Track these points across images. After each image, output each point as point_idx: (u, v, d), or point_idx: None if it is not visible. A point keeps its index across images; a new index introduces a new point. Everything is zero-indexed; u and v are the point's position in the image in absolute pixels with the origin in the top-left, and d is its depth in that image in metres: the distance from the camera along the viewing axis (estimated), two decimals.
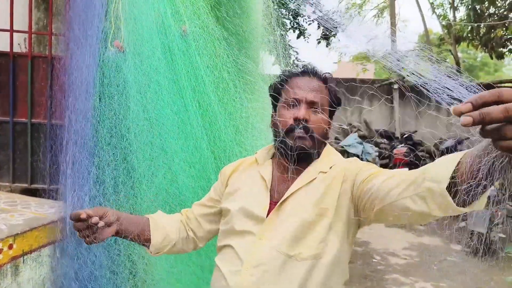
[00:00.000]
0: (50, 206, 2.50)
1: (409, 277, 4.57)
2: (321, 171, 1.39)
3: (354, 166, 1.37)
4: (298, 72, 1.45)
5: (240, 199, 1.45)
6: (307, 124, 1.35)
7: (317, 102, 1.38)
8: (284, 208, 1.36)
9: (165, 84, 2.27)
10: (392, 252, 5.27)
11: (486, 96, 0.80)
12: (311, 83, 1.41)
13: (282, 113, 1.40)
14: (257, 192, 1.43)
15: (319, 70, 1.46)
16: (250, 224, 1.38)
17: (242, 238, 1.37)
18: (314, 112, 1.38)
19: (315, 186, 1.37)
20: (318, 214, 1.31)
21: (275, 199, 1.39)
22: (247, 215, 1.39)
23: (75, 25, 2.33)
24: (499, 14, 8.32)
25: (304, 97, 1.37)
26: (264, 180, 1.44)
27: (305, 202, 1.34)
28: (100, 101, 2.22)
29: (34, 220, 2.26)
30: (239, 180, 1.52)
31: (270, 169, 1.47)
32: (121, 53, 2.25)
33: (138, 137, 2.19)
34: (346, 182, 1.34)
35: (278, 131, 1.40)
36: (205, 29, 2.48)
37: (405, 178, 1.14)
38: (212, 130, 2.42)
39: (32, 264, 2.18)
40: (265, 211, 1.37)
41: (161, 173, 2.21)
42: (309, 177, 1.38)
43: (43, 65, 2.84)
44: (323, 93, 1.41)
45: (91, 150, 2.20)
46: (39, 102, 2.83)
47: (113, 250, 2.13)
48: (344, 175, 1.36)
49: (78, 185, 2.21)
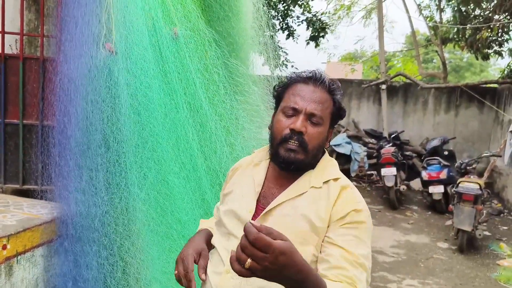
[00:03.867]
0: (43, 207, 2.52)
1: (396, 274, 4.65)
2: (313, 185, 1.33)
3: (341, 209, 1.28)
4: (304, 78, 1.37)
5: (232, 201, 1.44)
6: (303, 137, 1.30)
7: (317, 114, 1.31)
8: (269, 218, 1.32)
9: (156, 86, 2.30)
10: (379, 250, 5.36)
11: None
12: (315, 93, 1.33)
13: (280, 119, 1.34)
14: (246, 195, 1.41)
15: (326, 78, 1.36)
16: (235, 227, 1.37)
17: (227, 241, 1.37)
18: (312, 124, 1.32)
19: (303, 202, 1.32)
20: (300, 238, 1.24)
21: (263, 205, 1.37)
22: (235, 217, 1.39)
23: (66, 27, 2.35)
24: (484, 16, 8.47)
25: (304, 107, 1.30)
26: (254, 184, 1.41)
27: (290, 217, 1.30)
28: (91, 103, 2.24)
29: (27, 221, 2.28)
30: (236, 181, 1.49)
31: (263, 172, 1.43)
32: (112, 56, 2.28)
33: (129, 139, 2.22)
34: (327, 219, 1.27)
35: (273, 137, 1.36)
36: (196, 32, 2.52)
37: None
38: (202, 132, 2.46)
39: (25, 265, 2.20)
40: (250, 215, 1.35)
41: (152, 174, 2.25)
42: (299, 190, 1.34)
43: (34, 66, 2.85)
44: (326, 105, 1.34)
45: (83, 151, 2.23)
46: (31, 103, 2.84)
47: (106, 250, 2.16)
48: (332, 211, 1.28)
49: (71, 186, 2.24)
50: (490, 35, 8.36)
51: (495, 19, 8.08)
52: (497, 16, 8.14)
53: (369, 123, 9.88)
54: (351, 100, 10.01)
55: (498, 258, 5.27)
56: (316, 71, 1.37)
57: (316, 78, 1.35)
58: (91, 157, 2.18)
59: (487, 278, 4.68)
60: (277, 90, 1.43)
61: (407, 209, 7.31)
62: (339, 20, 13.73)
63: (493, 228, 6.50)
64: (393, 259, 5.11)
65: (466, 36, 8.78)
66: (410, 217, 6.87)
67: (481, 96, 8.88)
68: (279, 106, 1.40)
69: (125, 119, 2.21)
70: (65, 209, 2.22)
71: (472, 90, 8.96)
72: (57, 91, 2.35)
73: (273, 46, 3.61)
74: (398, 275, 4.66)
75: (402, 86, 9.84)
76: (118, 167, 2.19)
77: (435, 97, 9.61)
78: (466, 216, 5.24)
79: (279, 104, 1.40)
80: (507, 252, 5.38)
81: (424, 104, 9.66)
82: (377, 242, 5.64)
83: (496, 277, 4.66)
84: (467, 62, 24.83)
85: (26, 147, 2.87)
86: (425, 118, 9.69)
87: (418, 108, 9.73)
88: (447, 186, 6.80)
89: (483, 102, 8.97)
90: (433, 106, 9.62)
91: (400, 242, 5.71)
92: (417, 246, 5.61)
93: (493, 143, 8.94)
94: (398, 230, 6.20)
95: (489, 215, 6.89)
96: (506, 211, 7.45)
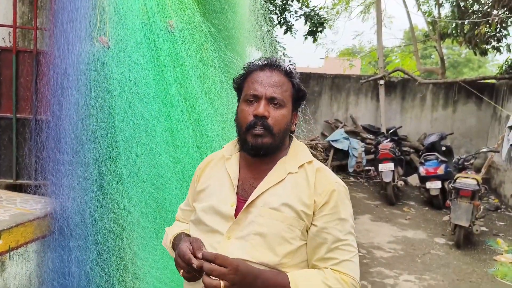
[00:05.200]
0: (36, 202, 2.49)
1: (393, 270, 4.64)
2: (290, 171, 1.38)
3: (322, 191, 1.34)
4: (260, 66, 1.41)
5: (209, 197, 1.43)
6: (267, 121, 1.33)
7: (277, 97, 1.35)
8: (252, 210, 1.34)
9: (151, 80, 2.27)
10: (377, 246, 5.35)
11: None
12: (272, 77, 1.37)
13: (243, 108, 1.38)
14: (224, 189, 1.41)
15: (281, 63, 1.42)
16: (218, 222, 1.37)
17: (211, 236, 1.37)
18: (274, 108, 1.36)
19: (283, 189, 1.36)
20: (287, 225, 1.31)
21: (243, 197, 1.38)
22: (216, 213, 1.38)
23: (60, 20, 2.32)
24: (482, 11, 8.43)
25: (263, 93, 1.35)
26: (230, 177, 1.42)
27: (273, 205, 1.33)
28: (85, 97, 2.21)
29: (20, 216, 2.25)
30: (209, 176, 1.49)
31: (236, 165, 1.45)
32: (106, 49, 2.25)
33: (123, 133, 2.19)
34: (311, 204, 1.33)
35: (239, 126, 1.39)
36: (192, 25, 2.49)
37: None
38: (198, 126, 2.43)
39: (18, 260, 2.18)
40: (232, 209, 1.36)
41: (146, 169, 2.22)
42: (278, 178, 1.37)
43: (28, 59, 2.82)
44: (285, 87, 1.38)
45: (76, 146, 2.20)
46: (25, 97, 2.81)
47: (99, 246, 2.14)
48: (315, 196, 1.33)
49: (63, 182, 2.21)
50: (488, 31, 8.33)
51: (493, 14, 8.05)
52: (495, 11, 8.11)
53: (367, 119, 9.87)
54: (349, 95, 9.99)
55: (495, 253, 5.27)
56: (270, 58, 1.43)
57: (271, 64, 1.40)
58: (84, 152, 2.15)
59: (484, 273, 4.67)
60: (237, 82, 1.46)
61: (404, 205, 7.31)
62: (338, 15, 13.69)
63: (490, 223, 6.50)
64: (390, 255, 5.10)
65: (464, 32, 8.75)
66: (408, 213, 6.87)
67: (479, 92, 8.87)
68: (241, 97, 1.43)
69: (118, 114, 2.18)
70: (58, 205, 2.20)
71: (470, 85, 8.95)
72: (51, 84, 2.32)
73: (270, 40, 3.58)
74: (395, 270, 4.65)
75: (400, 81, 9.81)
76: (112, 162, 2.16)
77: (433, 93, 9.60)
78: (463, 211, 5.23)
79: (241, 95, 1.43)
80: (504, 248, 5.39)
81: (422, 100, 9.64)
82: (374, 237, 5.64)
83: (493, 273, 4.66)
84: (465, 58, 24.83)
85: (20, 141, 2.84)
86: (423, 114, 9.68)
87: (416, 104, 9.72)
88: (444, 182, 6.80)
89: (481, 98, 8.95)
90: (431, 101, 9.61)
91: (397, 238, 5.71)
92: (414, 241, 5.60)
93: (491, 139, 8.94)
94: (396, 226, 6.19)
95: (486, 210, 6.89)
96: (503, 207, 7.46)
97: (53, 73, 2.31)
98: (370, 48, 16.23)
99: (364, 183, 8.64)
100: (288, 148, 1.45)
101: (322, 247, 1.31)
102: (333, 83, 10.07)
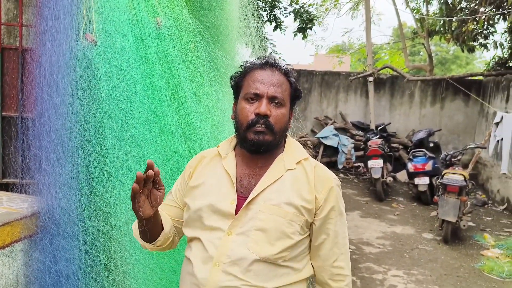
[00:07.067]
0: (23, 201, 2.46)
1: (382, 265, 4.68)
2: (289, 168, 1.42)
3: (321, 188, 1.42)
4: (260, 65, 1.44)
5: (207, 194, 1.43)
6: (269, 120, 1.37)
7: (279, 97, 1.39)
8: (253, 206, 1.37)
9: (138, 78, 2.25)
10: (366, 242, 5.39)
11: None
12: (273, 77, 1.40)
13: (244, 106, 1.40)
14: (223, 187, 1.42)
15: (280, 62, 1.46)
16: (218, 220, 1.38)
17: (211, 233, 1.38)
18: (275, 107, 1.39)
19: (283, 185, 1.39)
20: (287, 220, 1.35)
21: (242, 194, 1.40)
22: (215, 211, 1.39)
23: (46, 17, 2.29)
24: (470, 8, 8.50)
25: (265, 92, 1.38)
26: (229, 175, 1.43)
27: (274, 202, 1.36)
28: (71, 95, 2.19)
29: (7, 215, 2.22)
30: (203, 174, 1.50)
31: (234, 162, 1.46)
32: (92, 46, 2.23)
33: (111, 131, 2.17)
34: (313, 200, 1.40)
35: (239, 124, 1.41)
36: (180, 22, 2.47)
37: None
38: (187, 124, 2.42)
39: (5, 260, 2.15)
40: (233, 206, 1.38)
41: (135, 167, 2.21)
42: (277, 174, 1.40)
43: (13, 57, 2.77)
44: (284, 87, 1.42)
45: (64, 144, 2.18)
46: (10, 94, 2.77)
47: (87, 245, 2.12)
48: (316, 192, 1.40)
49: (51, 180, 2.19)
50: (475, 28, 8.40)
51: (480, 11, 8.13)
52: (482, 8, 8.19)
53: (356, 115, 9.92)
54: (339, 92, 10.03)
55: (482, 248, 5.35)
56: (269, 57, 1.46)
57: (271, 63, 1.43)
58: (72, 150, 2.13)
59: (471, 268, 4.74)
60: (235, 80, 1.48)
61: (393, 201, 7.37)
62: (327, 11, 13.72)
63: (477, 219, 6.59)
64: (379, 250, 5.15)
65: (452, 29, 8.82)
66: (396, 209, 6.93)
67: (466, 89, 8.96)
68: (239, 95, 1.46)
69: (106, 111, 2.16)
70: (45, 203, 2.17)
71: (458, 82, 9.03)
72: (37, 82, 2.29)
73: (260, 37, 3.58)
74: (384, 265, 4.69)
75: (389, 78, 9.87)
76: (100, 160, 2.14)
77: (421, 90, 9.67)
78: (450, 207, 5.29)
79: (239, 93, 1.46)
80: (491, 243, 5.46)
81: (411, 97, 9.71)
82: (363, 233, 5.68)
83: (480, 267, 4.73)
84: (453, 55, 25.04)
85: (6, 139, 2.80)
86: (411, 111, 9.76)
87: (404, 101, 9.79)
88: (432, 178, 6.87)
89: (469, 95, 9.05)
90: (419, 98, 9.69)
91: (386, 233, 5.75)
92: (402, 237, 5.66)
93: (478, 135, 9.05)
94: (384, 222, 6.25)
95: (474, 206, 6.97)
96: (490, 202, 7.56)
97: (39, 70, 2.27)
98: (359, 45, 16.29)
99: (353, 179, 8.70)
100: (284, 145, 1.48)
101: (326, 242, 1.42)
102: (322, 80, 10.10)
